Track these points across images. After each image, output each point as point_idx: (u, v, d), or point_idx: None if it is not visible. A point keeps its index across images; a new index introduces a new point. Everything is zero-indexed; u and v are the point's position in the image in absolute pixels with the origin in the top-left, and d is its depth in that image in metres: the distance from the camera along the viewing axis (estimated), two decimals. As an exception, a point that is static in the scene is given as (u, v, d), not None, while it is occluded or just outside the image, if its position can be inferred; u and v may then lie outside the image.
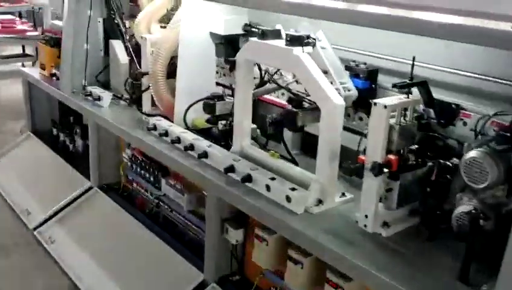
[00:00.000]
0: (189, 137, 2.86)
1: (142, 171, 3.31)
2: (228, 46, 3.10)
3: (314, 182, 2.27)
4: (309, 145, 2.70)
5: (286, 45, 2.34)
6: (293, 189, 2.27)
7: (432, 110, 2.19)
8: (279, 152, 2.59)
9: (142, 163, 3.32)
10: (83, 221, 3.51)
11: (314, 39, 2.32)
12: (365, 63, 2.44)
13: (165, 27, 3.26)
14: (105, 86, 3.91)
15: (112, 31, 3.86)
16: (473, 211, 1.80)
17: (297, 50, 2.28)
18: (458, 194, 1.91)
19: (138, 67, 3.63)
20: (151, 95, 3.26)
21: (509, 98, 2.08)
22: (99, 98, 3.62)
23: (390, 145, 2.02)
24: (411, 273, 1.86)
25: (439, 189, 2.08)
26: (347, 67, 2.47)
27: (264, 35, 2.45)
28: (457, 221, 1.85)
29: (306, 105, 2.42)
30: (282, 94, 2.88)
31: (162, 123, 3.07)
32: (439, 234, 2.06)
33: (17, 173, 4.24)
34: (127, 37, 3.76)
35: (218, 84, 3.26)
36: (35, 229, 3.54)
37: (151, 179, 3.25)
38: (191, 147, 2.81)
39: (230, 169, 2.53)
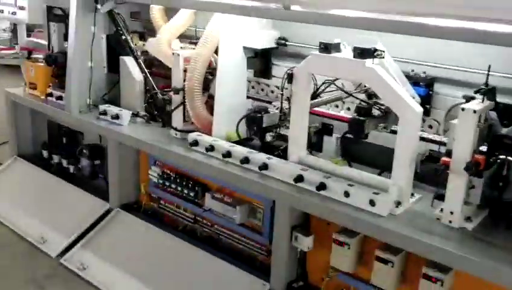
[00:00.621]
0: (242, 150, 2.90)
1: (179, 188, 3.27)
2: (262, 59, 3.21)
3: (393, 185, 2.42)
4: (347, 153, 2.84)
5: (355, 57, 2.47)
6: (376, 193, 2.41)
7: (495, 113, 2.42)
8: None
9: (177, 179, 3.28)
10: (112, 243, 3.39)
11: (383, 51, 2.47)
12: (424, 72, 2.63)
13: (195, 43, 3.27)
14: (113, 104, 3.80)
15: (119, 47, 3.77)
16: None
17: (369, 62, 2.43)
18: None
19: (153, 83, 3.62)
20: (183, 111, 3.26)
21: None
22: (117, 117, 3.53)
23: (471, 146, 2.23)
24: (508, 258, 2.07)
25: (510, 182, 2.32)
26: (407, 76, 2.65)
27: (326, 48, 2.57)
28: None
29: (376, 113, 2.57)
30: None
31: (205, 138, 3.08)
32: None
33: (15, 200, 3.98)
34: (139, 54, 3.71)
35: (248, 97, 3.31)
36: (59, 257, 3.36)
37: (190, 195, 3.23)
38: (246, 160, 2.85)
39: (300, 179, 2.62)
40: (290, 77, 2.69)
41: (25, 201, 3.95)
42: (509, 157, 2.29)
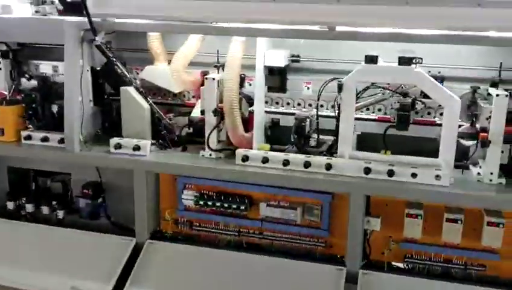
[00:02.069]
0: (300, 157, 3.26)
1: (224, 205, 3.42)
2: (279, 76, 3.58)
3: (445, 161, 3.10)
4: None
5: (400, 64, 3.08)
6: (438, 169, 3.05)
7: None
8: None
9: (221, 197, 3.43)
10: (163, 274, 3.34)
11: (421, 58, 3.12)
12: (439, 72, 3.34)
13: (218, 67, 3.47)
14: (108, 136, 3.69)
15: (111, 79, 3.68)
16: None
17: (413, 68, 3.06)
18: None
19: (158, 110, 3.67)
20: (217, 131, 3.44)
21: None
22: (139, 148, 3.48)
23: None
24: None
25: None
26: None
27: (372, 60, 3.12)
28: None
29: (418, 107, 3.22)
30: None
31: (254, 152, 3.34)
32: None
33: (20, 262, 3.52)
34: (138, 82, 3.69)
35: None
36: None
37: (237, 209, 3.41)
38: (308, 164, 3.22)
39: (368, 170, 3.12)
40: (340, 87, 3.16)
41: (32, 259, 3.53)
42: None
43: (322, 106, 3.54)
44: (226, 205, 3.44)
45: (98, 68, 3.72)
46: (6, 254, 3.57)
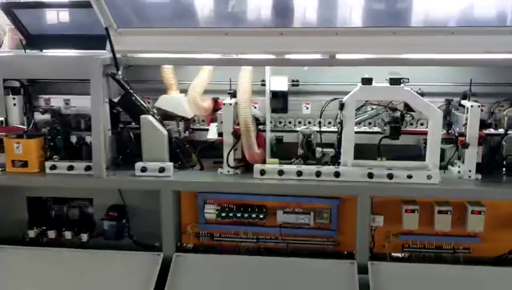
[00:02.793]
0: (311, 168, 3.76)
1: (244, 215, 3.84)
2: (283, 98, 4.08)
3: (432, 164, 3.71)
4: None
5: (391, 84, 3.67)
6: (429, 170, 3.66)
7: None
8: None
9: (241, 209, 3.86)
10: (196, 284, 3.68)
11: (408, 78, 3.73)
12: (420, 89, 3.95)
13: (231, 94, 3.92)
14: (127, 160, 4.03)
15: (130, 109, 4.01)
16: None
17: (402, 87, 3.66)
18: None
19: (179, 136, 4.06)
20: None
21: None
22: (163, 170, 3.84)
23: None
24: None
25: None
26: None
27: (367, 81, 3.69)
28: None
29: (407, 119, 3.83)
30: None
31: (269, 166, 3.80)
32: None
33: (50, 285, 3.72)
34: (155, 111, 4.06)
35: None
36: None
37: (256, 218, 3.85)
38: (319, 173, 3.73)
39: (371, 175, 3.67)
40: (341, 105, 3.70)
41: (66, 283, 3.74)
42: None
43: (320, 122, 4.07)
44: (245, 215, 3.87)
45: (115, 99, 4.04)
46: (40, 281, 3.76)
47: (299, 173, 3.75)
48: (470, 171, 3.73)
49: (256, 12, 3.86)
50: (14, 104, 4.12)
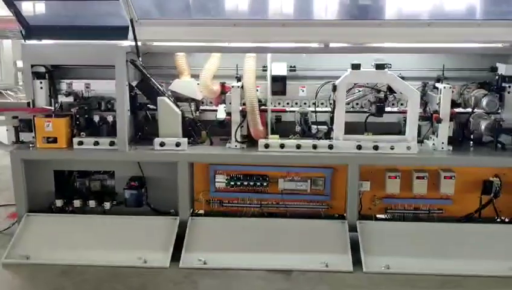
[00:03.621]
0: (308, 141, 4.36)
1: (250, 183, 4.42)
2: (282, 82, 4.64)
3: (411, 137, 4.34)
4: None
5: (376, 69, 4.28)
6: (409, 142, 4.29)
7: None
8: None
9: (247, 178, 4.44)
10: (208, 239, 4.23)
11: (390, 64, 4.34)
12: (400, 73, 4.56)
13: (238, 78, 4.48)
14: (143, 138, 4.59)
15: (147, 91, 4.52)
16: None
17: (386, 71, 4.28)
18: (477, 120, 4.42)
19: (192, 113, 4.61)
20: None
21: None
22: (179, 144, 4.39)
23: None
24: (478, 151, 4.31)
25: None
26: (392, 77, 4.58)
27: (356, 67, 4.29)
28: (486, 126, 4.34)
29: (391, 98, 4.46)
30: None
31: (272, 141, 4.38)
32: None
33: (83, 243, 4.23)
34: (169, 93, 4.59)
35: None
36: (172, 267, 4.05)
37: (259, 186, 4.44)
38: (315, 146, 4.33)
39: (360, 147, 4.30)
40: (334, 87, 4.30)
41: (99, 242, 4.25)
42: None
43: (315, 103, 4.66)
44: (251, 184, 4.45)
45: (133, 83, 4.55)
46: (77, 241, 4.26)
47: (298, 146, 4.35)
48: (442, 143, 4.39)
49: (261, 5, 4.41)
50: (41, 88, 4.61)
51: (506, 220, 4.49)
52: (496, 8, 4.43)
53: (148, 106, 4.63)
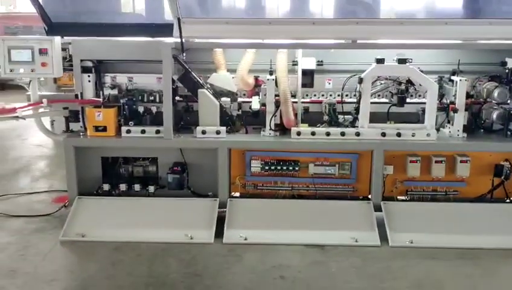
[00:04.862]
0: (336, 129, 4.79)
1: (283, 168, 4.84)
2: (311, 75, 5.07)
3: (430, 125, 4.79)
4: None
5: (399, 63, 4.72)
6: (428, 130, 4.74)
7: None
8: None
9: (280, 163, 4.86)
10: (246, 218, 4.65)
11: (411, 59, 4.77)
12: (419, 67, 4.99)
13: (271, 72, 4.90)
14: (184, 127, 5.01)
15: (189, 84, 4.93)
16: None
17: (408, 65, 4.72)
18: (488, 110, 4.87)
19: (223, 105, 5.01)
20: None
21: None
22: (219, 132, 4.81)
23: (459, 97, 4.80)
24: (490, 138, 4.77)
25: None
26: (412, 71, 5.02)
27: (381, 61, 4.73)
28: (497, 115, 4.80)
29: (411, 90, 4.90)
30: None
31: (303, 129, 4.82)
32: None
33: (135, 222, 4.64)
34: (208, 86, 5.00)
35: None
36: (216, 243, 4.47)
37: (291, 170, 4.86)
38: (343, 134, 4.77)
39: (384, 134, 4.74)
40: (360, 80, 4.73)
41: (148, 221, 4.66)
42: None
43: (339, 95, 5.09)
44: (284, 168, 4.87)
45: (174, 76, 4.95)
46: (126, 221, 4.68)
47: (328, 133, 4.78)
48: (458, 130, 4.84)
49: (294, 5, 4.83)
50: (89, 81, 5.01)
51: (515, 200, 4.95)
52: (506, 7, 4.88)
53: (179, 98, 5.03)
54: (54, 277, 3.96)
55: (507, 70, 4.96)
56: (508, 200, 4.94)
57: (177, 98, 5.01)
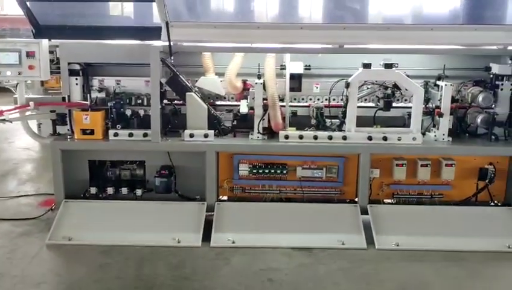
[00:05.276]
0: (323, 133, 4.83)
1: (271, 171, 4.87)
2: (298, 79, 5.10)
3: (416, 129, 4.85)
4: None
5: (385, 68, 4.78)
6: (414, 134, 4.80)
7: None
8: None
9: (268, 166, 4.89)
10: (234, 221, 4.66)
11: (397, 63, 4.83)
12: (405, 72, 5.06)
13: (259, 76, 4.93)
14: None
15: (177, 88, 4.94)
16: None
17: (394, 70, 4.78)
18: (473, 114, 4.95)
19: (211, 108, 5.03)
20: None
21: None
22: (207, 136, 4.82)
23: (444, 102, 4.87)
24: (474, 142, 4.85)
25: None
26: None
27: (367, 66, 4.78)
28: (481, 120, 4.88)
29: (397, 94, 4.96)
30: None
31: (291, 132, 4.85)
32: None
33: (121, 225, 4.63)
34: (196, 89, 5.02)
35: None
36: (203, 246, 4.47)
37: (279, 173, 4.89)
38: (331, 137, 4.81)
39: (370, 138, 4.79)
40: (347, 84, 4.78)
41: (135, 225, 4.64)
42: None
43: (326, 99, 5.13)
44: (271, 172, 4.90)
45: (162, 80, 4.94)
46: (114, 224, 4.66)
47: (315, 137, 4.82)
48: (443, 134, 4.91)
49: (282, 10, 4.87)
50: (76, 84, 5.01)
51: (499, 203, 5.01)
52: (490, 13, 4.97)
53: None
54: (41, 280, 3.94)
55: (491, 76, 5.04)
56: (492, 203, 5.01)
57: (165, 101, 5.02)
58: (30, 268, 4.12)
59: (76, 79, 5.00)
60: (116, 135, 4.85)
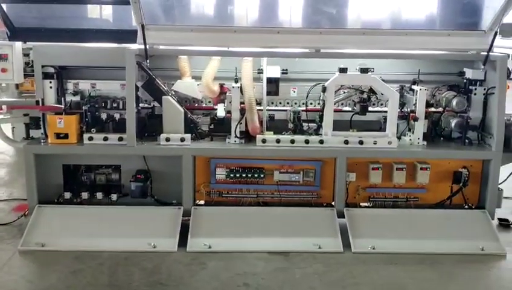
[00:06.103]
0: (301, 137, 4.84)
1: (248, 175, 4.85)
2: (275, 83, 5.11)
3: (391, 133, 4.89)
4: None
5: (361, 72, 4.82)
6: (390, 138, 4.84)
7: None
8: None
9: (245, 170, 4.87)
10: (211, 226, 4.63)
11: (373, 68, 4.87)
12: (380, 76, 5.11)
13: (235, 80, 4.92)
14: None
15: (152, 91, 4.90)
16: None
17: (370, 75, 4.82)
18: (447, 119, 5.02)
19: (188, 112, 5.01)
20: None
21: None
22: (183, 140, 4.79)
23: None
24: (448, 145, 4.90)
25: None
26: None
27: (343, 70, 4.81)
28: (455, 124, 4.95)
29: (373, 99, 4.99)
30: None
31: (269, 136, 4.84)
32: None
33: (95, 231, 4.57)
34: (172, 93, 4.98)
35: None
36: (179, 251, 4.44)
37: (257, 178, 4.87)
38: (307, 141, 4.82)
39: (347, 142, 4.81)
40: (324, 89, 4.80)
41: (111, 230, 4.59)
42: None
43: (303, 103, 5.15)
44: (249, 176, 4.88)
45: (138, 83, 4.90)
46: (88, 230, 4.59)
47: (292, 141, 4.83)
48: (418, 138, 4.96)
49: (259, 14, 4.88)
50: (51, 87, 4.93)
51: (473, 206, 5.08)
52: (463, 19, 5.04)
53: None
54: (13, 287, 3.87)
55: (465, 80, 5.12)
56: (466, 206, 5.07)
57: (141, 104, 4.98)
58: (1, 275, 4.03)
59: (50, 82, 4.91)
60: (90, 138, 4.78)
